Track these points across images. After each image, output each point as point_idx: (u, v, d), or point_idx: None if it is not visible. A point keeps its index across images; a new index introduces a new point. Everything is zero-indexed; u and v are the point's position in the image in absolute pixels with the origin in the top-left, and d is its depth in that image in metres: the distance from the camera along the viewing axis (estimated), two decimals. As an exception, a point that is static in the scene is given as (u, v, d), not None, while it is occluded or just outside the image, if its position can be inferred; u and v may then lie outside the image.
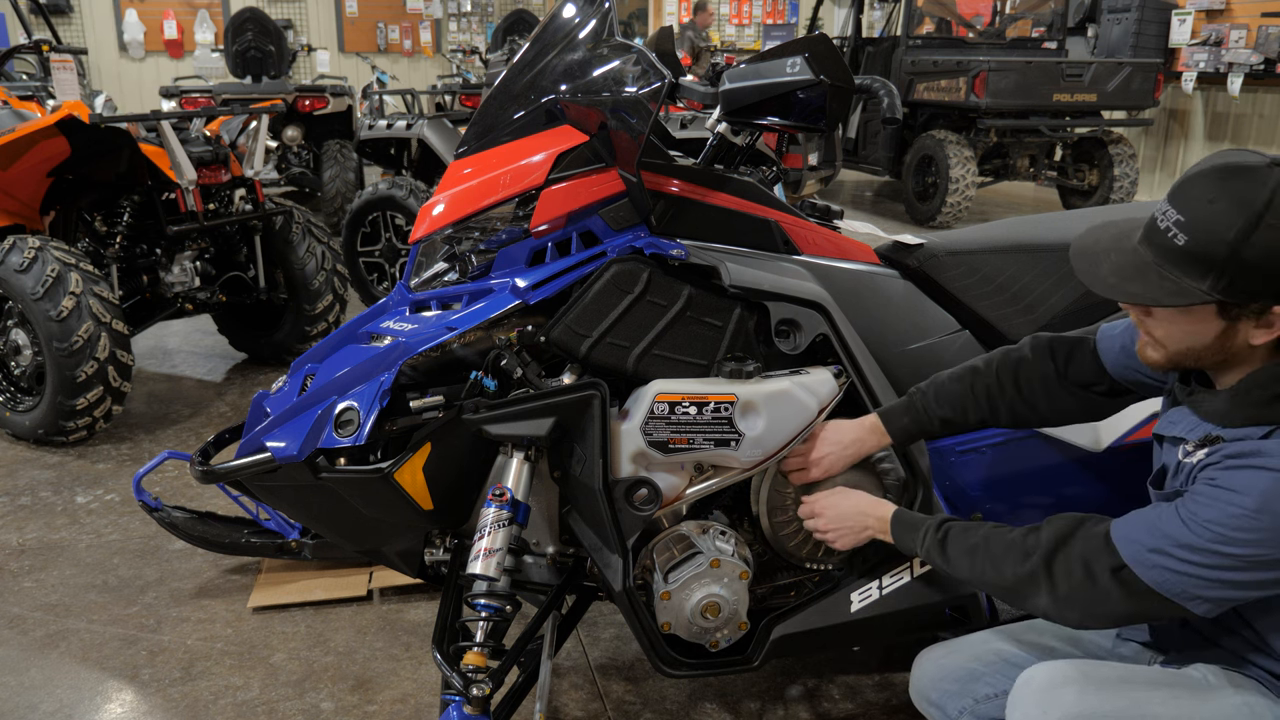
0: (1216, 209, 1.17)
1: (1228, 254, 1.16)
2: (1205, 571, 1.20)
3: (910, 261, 1.94)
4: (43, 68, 6.35)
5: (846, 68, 1.66)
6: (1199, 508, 1.22)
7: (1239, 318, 1.22)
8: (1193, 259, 1.19)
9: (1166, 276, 1.22)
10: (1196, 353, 1.28)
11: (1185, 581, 1.22)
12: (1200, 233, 1.18)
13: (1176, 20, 8.67)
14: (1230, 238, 1.16)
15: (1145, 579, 1.24)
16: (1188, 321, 1.25)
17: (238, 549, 2.55)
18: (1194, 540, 1.21)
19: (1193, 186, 1.21)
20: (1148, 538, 1.25)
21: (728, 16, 14.36)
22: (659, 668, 1.80)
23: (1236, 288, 1.18)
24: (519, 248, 1.77)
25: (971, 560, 1.44)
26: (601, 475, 1.69)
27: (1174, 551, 1.22)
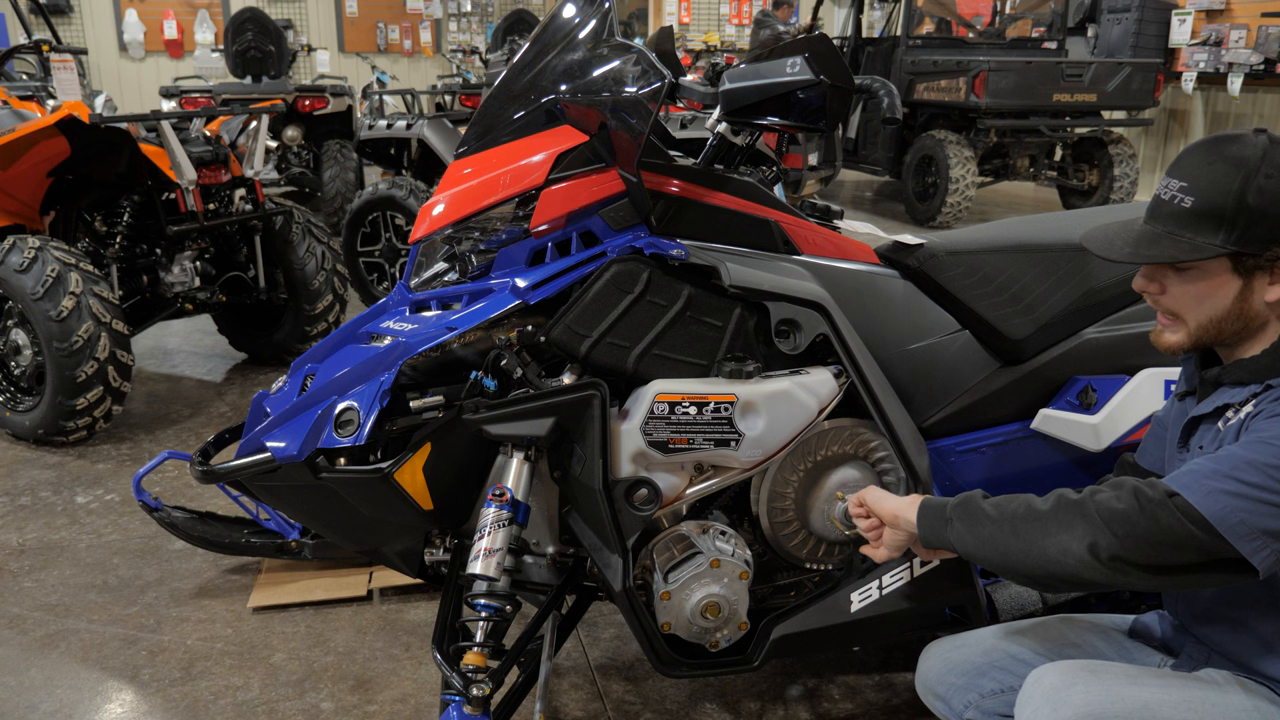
0: (1216, 168, 1.26)
1: (1235, 204, 1.23)
2: (1266, 494, 1.15)
3: (910, 261, 1.94)
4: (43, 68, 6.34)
5: (846, 68, 1.66)
6: (1259, 432, 1.21)
7: (1253, 271, 1.27)
8: (1202, 216, 1.26)
9: (1180, 238, 1.28)
10: (1216, 322, 1.31)
11: (1243, 508, 1.15)
12: (1205, 190, 1.26)
13: (1176, 20, 8.67)
14: (1235, 188, 1.23)
15: (1201, 507, 1.17)
16: (1204, 285, 1.29)
17: (238, 549, 2.55)
18: (1256, 457, 1.17)
19: (1189, 157, 1.30)
20: (1208, 466, 1.20)
21: (728, 16, 14.37)
22: (659, 668, 1.80)
23: (1249, 236, 1.24)
24: (519, 248, 1.77)
25: (1001, 510, 1.34)
26: (601, 475, 1.70)
27: (1235, 473, 1.17)
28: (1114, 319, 1.96)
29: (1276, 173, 1.23)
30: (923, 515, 1.45)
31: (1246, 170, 1.23)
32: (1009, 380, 1.92)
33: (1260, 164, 1.23)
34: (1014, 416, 1.94)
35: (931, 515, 1.44)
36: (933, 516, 1.44)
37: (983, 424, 1.94)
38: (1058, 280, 1.93)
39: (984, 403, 1.92)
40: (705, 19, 14.37)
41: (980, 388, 1.92)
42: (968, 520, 1.38)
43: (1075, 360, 1.92)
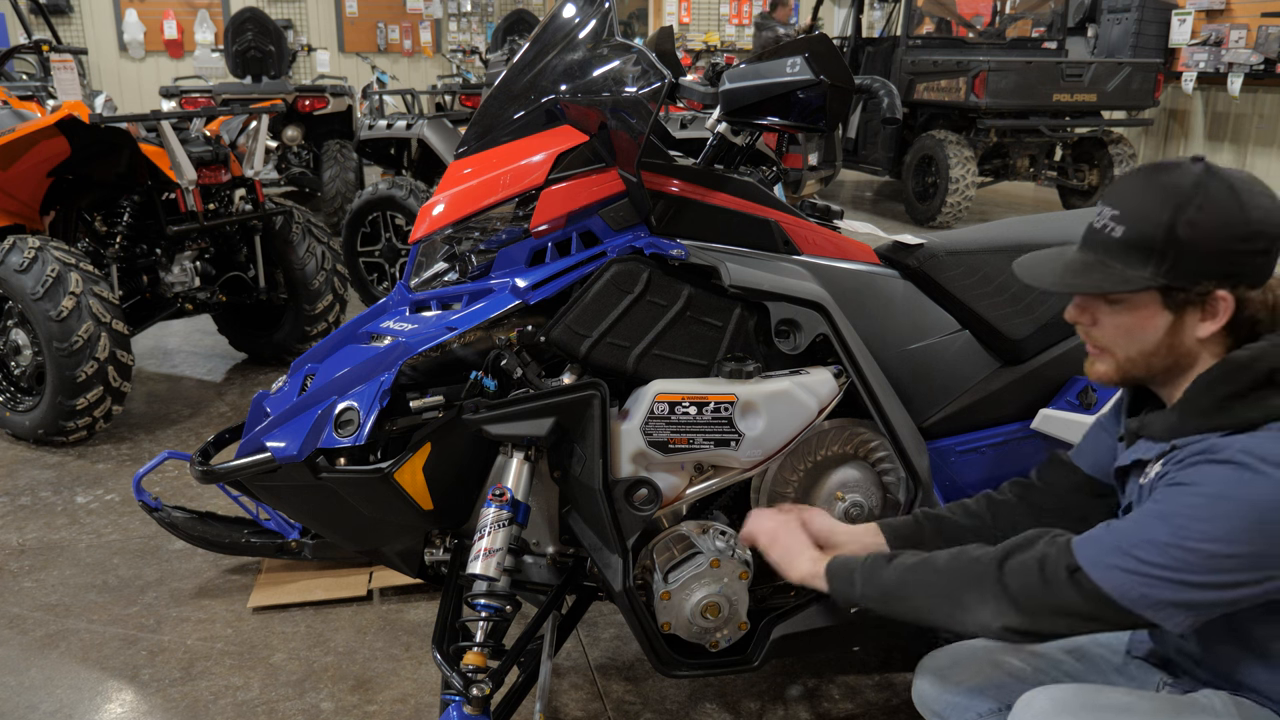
0: (1147, 197, 1.22)
1: (1165, 236, 1.19)
2: (1163, 572, 1.15)
3: (910, 261, 1.94)
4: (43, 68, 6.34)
5: (846, 68, 1.66)
6: (1156, 505, 1.19)
7: (1183, 306, 1.23)
8: (1133, 247, 1.22)
9: (1111, 268, 1.24)
10: (1146, 357, 1.27)
11: (1143, 585, 1.17)
12: (1136, 220, 1.22)
13: (1176, 20, 8.67)
14: (1165, 219, 1.19)
15: (1101, 583, 1.19)
16: (1134, 319, 1.26)
17: (238, 549, 2.55)
18: (1152, 535, 1.17)
19: (1123, 185, 1.26)
20: (1107, 539, 1.21)
21: (728, 16, 14.37)
22: (659, 668, 1.80)
23: (1178, 270, 1.20)
24: (519, 248, 1.77)
25: (914, 575, 1.36)
26: (601, 475, 1.70)
27: (1132, 550, 1.18)
28: None
29: (1209, 204, 1.17)
30: (832, 578, 1.49)
31: (1178, 201, 1.18)
32: (1009, 380, 1.92)
33: (1193, 194, 1.18)
34: (1014, 416, 1.94)
35: (840, 580, 1.47)
36: (842, 581, 1.47)
37: (983, 424, 1.94)
38: (1058, 280, 1.93)
39: (984, 403, 1.92)
40: (705, 19, 14.37)
41: (980, 388, 1.92)
42: (878, 589, 1.40)
43: (1075, 360, 1.92)
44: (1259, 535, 1.13)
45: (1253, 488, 1.13)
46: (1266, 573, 1.14)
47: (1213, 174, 1.20)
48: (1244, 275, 1.19)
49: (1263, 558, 1.13)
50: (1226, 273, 1.19)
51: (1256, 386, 1.20)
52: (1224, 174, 1.20)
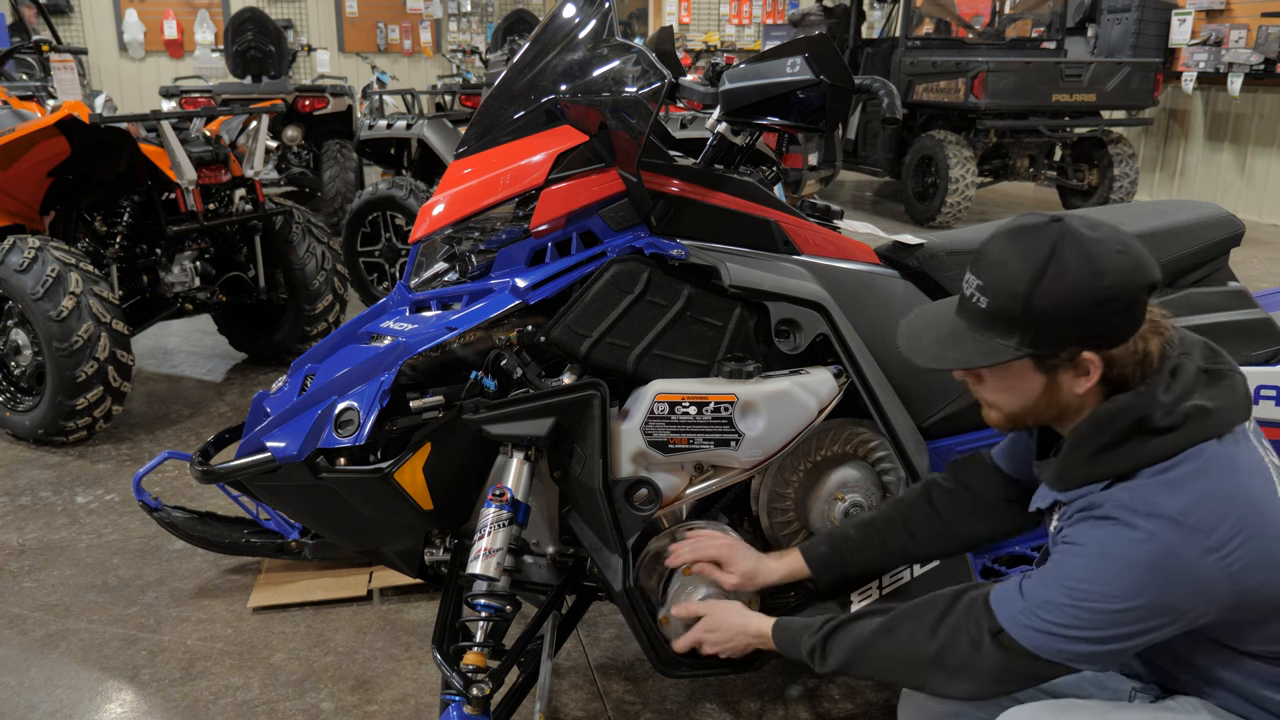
0: (1008, 269, 1.22)
1: (1023, 308, 1.20)
2: (1069, 630, 1.19)
3: (910, 261, 1.94)
4: (43, 68, 6.34)
5: (846, 68, 1.66)
6: (1054, 566, 1.23)
7: (1055, 369, 1.24)
8: (996, 319, 1.24)
9: (979, 339, 1.26)
10: (1031, 411, 1.30)
11: (1056, 642, 1.21)
12: (997, 293, 1.23)
13: (1176, 20, 8.67)
14: (1022, 291, 1.20)
15: (1021, 640, 1.23)
16: (1012, 381, 1.28)
17: (238, 549, 2.55)
18: (1052, 597, 1.21)
19: (989, 251, 1.26)
20: (1019, 600, 1.25)
21: (728, 16, 14.36)
22: (659, 668, 1.80)
23: (1042, 339, 1.21)
24: (519, 248, 1.77)
25: (857, 656, 1.40)
26: (601, 475, 1.70)
27: (1039, 612, 1.22)
28: None
29: (1064, 272, 1.18)
30: (781, 645, 1.52)
31: (1034, 270, 1.19)
32: (1009, 380, 1.92)
33: (1049, 263, 1.18)
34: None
35: (794, 657, 1.49)
36: (796, 658, 1.49)
37: (982, 424, 1.93)
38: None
39: (984, 403, 1.92)
40: (705, 19, 14.37)
41: (980, 388, 1.92)
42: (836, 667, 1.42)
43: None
44: (1147, 588, 1.15)
45: (1131, 544, 1.16)
46: (1166, 618, 1.17)
47: (1068, 238, 1.19)
48: (1106, 336, 1.21)
49: (1157, 606, 1.16)
50: (1088, 335, 1.20)
51: (1125, 437, 1.22)
52: (1080, 236, 1.19)
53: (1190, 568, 1.14)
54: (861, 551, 1.65)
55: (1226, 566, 1.14)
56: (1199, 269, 2.07)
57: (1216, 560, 1.14)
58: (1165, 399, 1.21)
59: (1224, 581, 1.15)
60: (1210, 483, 1.16)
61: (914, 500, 1.64)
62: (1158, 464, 1.19)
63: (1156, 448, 1.20)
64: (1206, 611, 1.17)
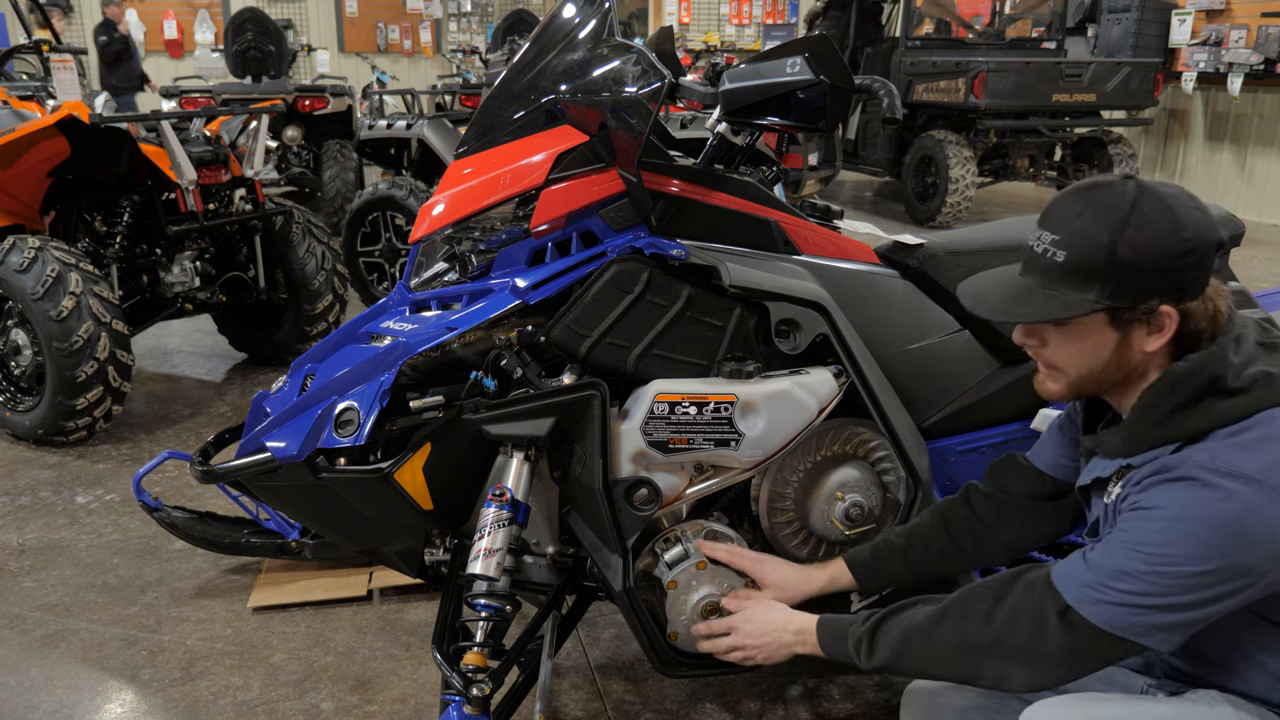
0: (1085, 220, 1.21)
1: (1106, 258, 1.19)
2: (1145, 599, 1.18)
3: (910, 261, 1.94)
4: (43, 68, 6.34)
5: (846, 68, 1.66)
6: (1125, 534, 1.21)
7: (1130, 324, 1.23)
8: (1075, 271, 1.22)
9: (1054, 294, 1.24)
10: (1097, 374, 1.28)
11: (1129, 614, 1.19)
12: (1076, 244, 1.22)
13: (1176, 20, 8.67)
14: (1105, 241, 1.19)
15: (1091, 617, 1.20)
16: (1082, 339, 1.26)
17: (238, 549, 2.55)
18: (1127, 566, 1.19)
19: (1060, 207, 1.26)
20: (1086, 574, 1.22)
21: (728, 16, 14.37)
22: (659, 668, 1.80)
23: (1122, 290, 1.20)
24: (519, 248, 1.77)
25: (908, 646, 1.35)
26: (601, 475, 1.69)
27: (1112, 583, 1.19)
28: None
29: (1147, 224, 1.18)
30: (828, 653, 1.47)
31: (1117, 220, 1.19)
32: (1009, 380, 1.92)
33: (1130, 214, 1.19)
34: (1014, 416, 1.94)
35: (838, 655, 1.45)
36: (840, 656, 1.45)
37: (983, 424, 1.94)
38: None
39: (984, 403, 1.92)
40: (705, 19, 14.37)
41: (980, 388, 1.92)
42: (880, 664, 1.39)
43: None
44: (1227, 548, 1.14)
45: (1211, 504, 1.15)
46: (1244, 580, 1.16)
47: (1145, 192, 1.21)
48: (1184, 289, 1.21)
49: (1236, 568, 1.15)
50: (1168, 288, 1.20)
51: (1199, 396, 1.21)
52: (1157, 191, 1.21)
53: (1270, 526, 1.14)
54: (904, 558, 1.62)
55: None
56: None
57: None
58: (1235, 360, 1.21)
59: None
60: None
61: (953, 505, 1.63)
62: (1230, 426, 1.19)
63: (1228, 409, 1.19)
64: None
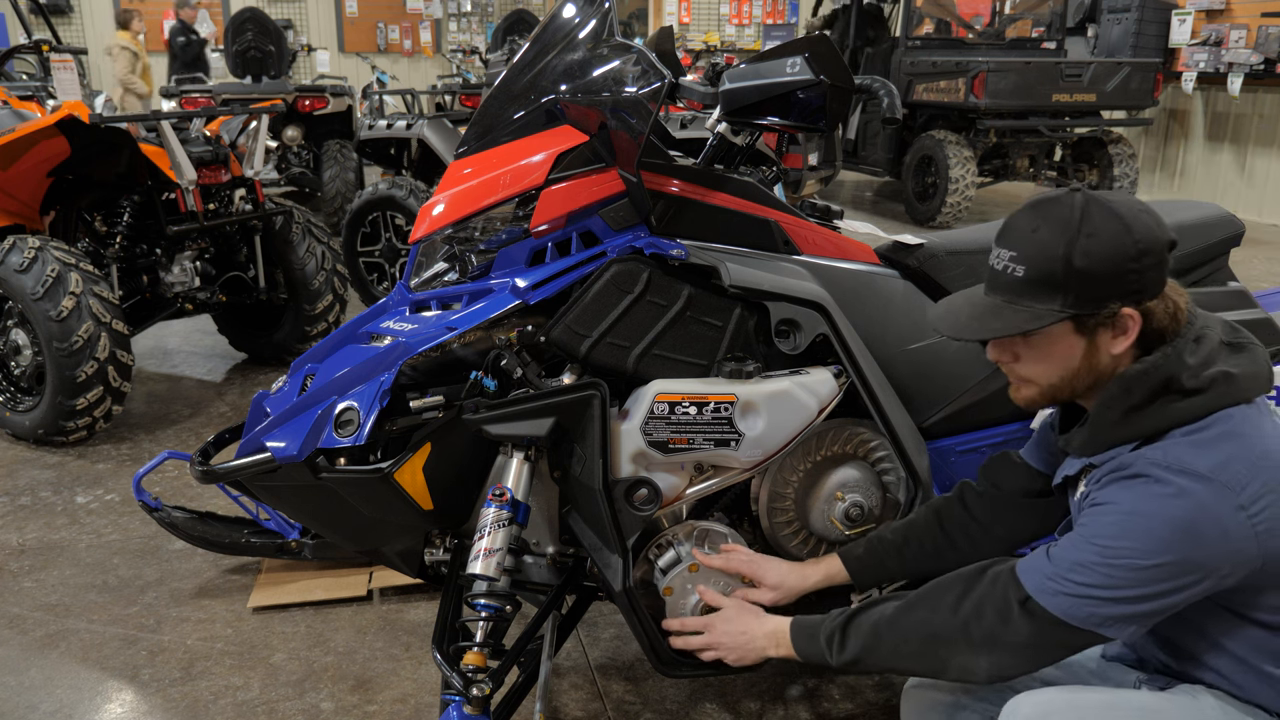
0: (1040, 234, 1.26)
1: (1064, 269, 1.24)
2: (1099, 591, 1.21)
3: (910, 261, 1.94)
4: (43, 68, 6.34)
5: (846, 68, 1.66)
6: (1083, 529, 1.25)
7: (1095, 329, 1.27)
8: (1036, 284, 1.27)
9: (1020, 308, 1.28)
10: (1070, 381, 1.32)
11: (1085, 605, 1.22)
12: (1034, 258, 1.26)
13: (1176, 20, 8.67)
14: (1060, 253, 1.24)
15: (1050, 608, 1.24)
16: (1051, 350, 1.30)
17: (238, 549, 2.55)
18: (1083, 558, 1.22)
19: (1015, 225, 1.30)
20: (1047, 566, 1.26)
21: (728, 16, 14.37)
22: (659, 668, 1.80)
23: (1082, 298, 1.24)
24: (519, 248, 1.77)
25: (877, 640, 1.38)
26: (601, 475, 1.69)
27: (1069, 575, 1.23)
28: None
29: (1096, 230, 1.23)
30: (801, 653, 1.50)
31: (1069, 233, 1.23)
32: (1009, 380, 1.92)
33: (1081, 224, 1.23)
34: (1014, 416, 1.94)
35: (811, 654, 1.48)
36: (813, 655, 1.48)
37: (983, 424, 1.94)
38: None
39: (984, 403, 1.92)
40: (705, 19, 14.37)
41: (980, 388, 1.92)
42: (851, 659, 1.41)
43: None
44: (1178, 544, 1.17)
45: (1163, 500, 1.18)
46: (1196, 575, 1.18)
47: (1092, 201, 1.25)
48: (1143, 290, 1.24)
49: (1187, 563, 1.18)
50: (1126, 291, 1.24)
51: (1153, 397, 1.25)
52: (1103, 199, 1.25)
53: (1221, 524, 1.16)
54: (899, 554, 1.65)
55: (1254, 525, 1.17)
56: (1199, 269, 2.07)
57: (1245, 518, 1.16)
58: (1192, 361, 1.24)
59: (1251, 541, 1.17)
60: (1239, 444, 1.19)
61: (947, 503, 1.65)
62: (1186, 425, 1.22)
63: (1185, 409, 1.23)
64: (1234, 571, 1.19)
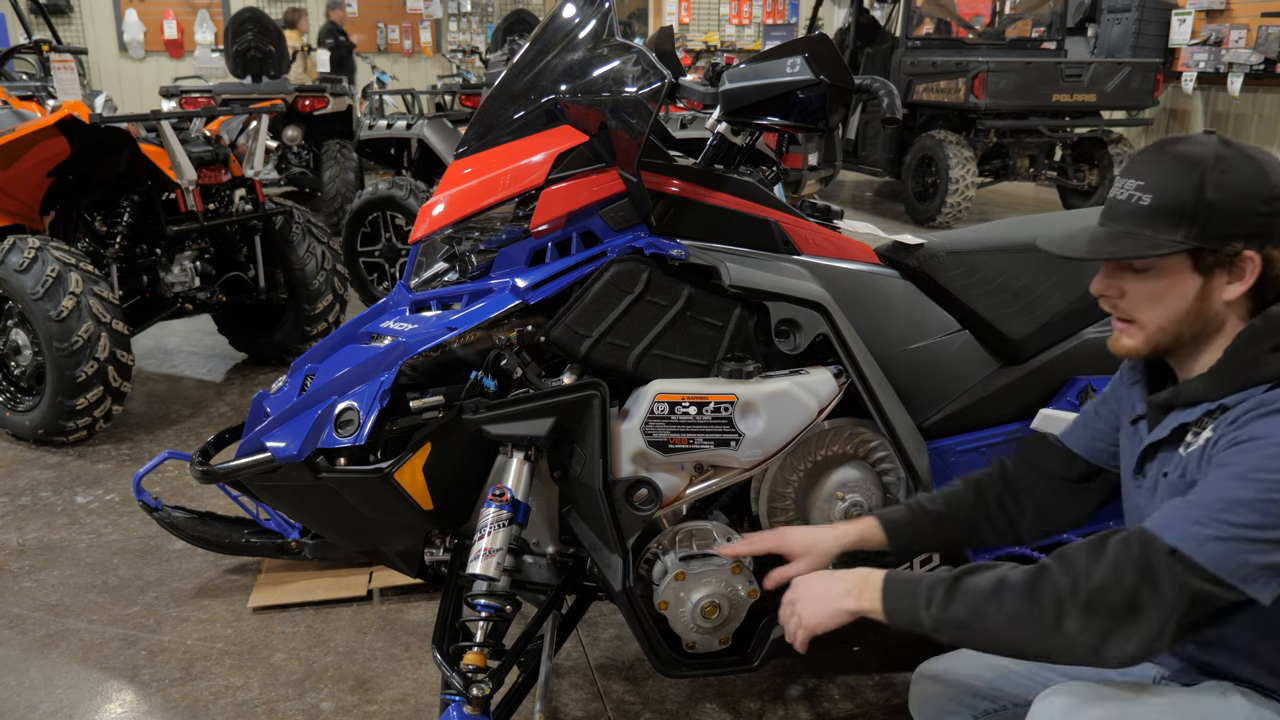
0: (1171, 166, 1.25)
1: (1194, 199, 1.23)
2: (1258, 532, 1.12)
3: (910, 261, 1.94)
4: (43, 68, 6.34)
5: (846, 68, 1.66)
6: (1230, 468, 1.17)
7: (1212, 268, 1.25)
8: (1162, 212, 1.25)
9: (1141, 235, 1.27)
10: (1175, 324, 1.29)
11: (1240, 551, 1.12)
12: (1162, 187, 1.25)
13: (1176, 20, 8.67)
14: (1193, 183, 1.23)
15: (1200, 558, 1.13)
16: (1164, 285, 1.27)
17: (238, 549, 2.55)
18: (1238, 494, 1.14)
19: (1143, 158, 1.29)
20: (1192, 512, 1.16)
21: (728, 16, 14.37)
22: (659, 668, 1.80)
23: (1208, 231, 1.23)
24: (519, 248, 1.77)
25: (996, 602, 1.24)
26: (601, 475, 1.70)
27: (1223, 516, 1.14)
28: None
29: (1232, 169, 1.22)
30: (892, 610, 1.35)
31: (1203, 166, 1.23)
32: (1009, 380, 1.92)
33: (1215, 162, 1.23)
34: (1014, 416, 1.94)
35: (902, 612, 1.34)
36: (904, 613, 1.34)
37: (983, 424, 1.94)
38: (1058, 280, 1.93)
39: (984, 403, 1.92)
40: (705, 19, 14.37)
41: (980, 388, 1.92)
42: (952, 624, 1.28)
43: (1075, 360, 1.92)
44: None
45: None
46: None
47: (1228, 144, 1.24)
48: (1268, 234, 1.23)
49: None
50: (1253, 232, 1.22)
51: None
52: (1238, 144, 1.25)
53: None
54: (938, 523, 1.57)
55: None
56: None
57: None
58: None
59: None
60: None
61: (988, 478, 1.61)
62: None
63: None
64: None
